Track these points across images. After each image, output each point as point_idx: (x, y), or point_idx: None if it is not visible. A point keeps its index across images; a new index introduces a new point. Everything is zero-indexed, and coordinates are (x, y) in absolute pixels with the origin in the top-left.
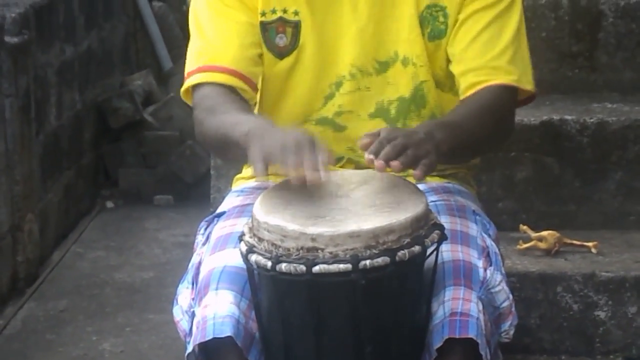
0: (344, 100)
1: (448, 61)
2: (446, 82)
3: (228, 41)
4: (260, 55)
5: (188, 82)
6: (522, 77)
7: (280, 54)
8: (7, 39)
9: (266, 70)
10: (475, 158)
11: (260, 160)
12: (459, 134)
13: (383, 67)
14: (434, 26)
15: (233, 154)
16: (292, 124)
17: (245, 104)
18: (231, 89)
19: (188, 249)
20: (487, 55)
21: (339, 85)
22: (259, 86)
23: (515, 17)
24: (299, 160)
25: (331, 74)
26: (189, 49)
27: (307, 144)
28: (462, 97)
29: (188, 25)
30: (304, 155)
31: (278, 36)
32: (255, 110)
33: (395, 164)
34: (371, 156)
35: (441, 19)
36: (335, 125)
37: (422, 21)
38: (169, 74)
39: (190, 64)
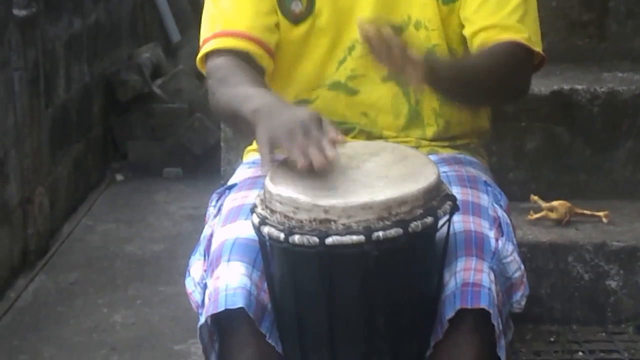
0: (357, 64)
1: (461, 26)
2: (458, 46)
3: (243, 8)
4: (276, 24)
5: (205, 49)
6: (532, 36)
7: (296, 19)
8: (16, 11)
9: (281, 36)
10: (483, 105)
11: (267, 145)
12: (464, 63)
13: (396, 31)
14: None
15: (243, 128)
16: (305, 90)
17: (257, 75)
18: (245, 57)
19: (198, 221)
20: (498, 15)
21: (351, 49)
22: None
23: None
24: (305, 144)
25: (346, 39)
26: (203, 17)
27: (313, 124)
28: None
29: None
30: (311, 138)
31: (294, 2)
32: (270, 76)
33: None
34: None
35: None
36: (347, 89)
37: None
38: (177, 47)
39: (205, 31)
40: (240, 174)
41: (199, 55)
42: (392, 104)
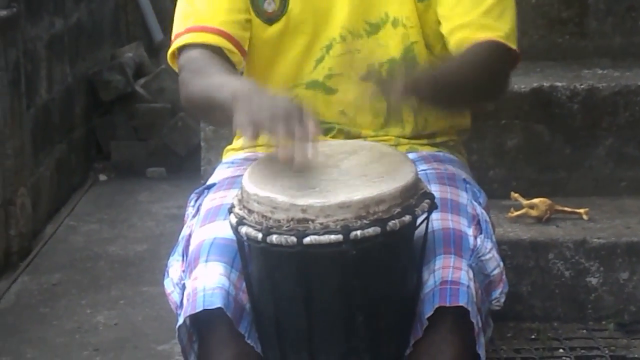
0: (334, 63)
1: (438, 22)
2: (436, 43)
3: (216, 5)
4: (248, 21)
5: (176, 43)
6: (509, 34)
7: (269, 19)
8: None
9: (255, 36)
10: (465, 108)
11: (249, 126)
12: (445, 71)
13: (374, 28)
14: None
15: (218, 116)
16: (282, 89)
17: (232, 67)
18: (218, 52)
19: (181, 221)
20: (474, 12)
21: (329, 47)
22: (247, 52)
23: None
24: (289, 130)
25: (322, 38)
26: (175, 14)
27: (296, 112)
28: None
29: None
30: (294, 125)
31: (266, 2)
32: (247, 75)
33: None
34: None
35: None
36: (325, 88)
37: None
38: (160, 46)
39: (178, 27)
40: (220, 173)
41: (171, 50)
42: (370, 104)
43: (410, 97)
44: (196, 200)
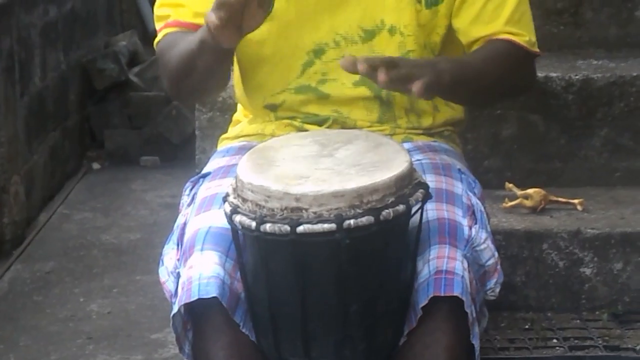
0: (327, 68)
1: (445, 28)
2: (434, 54)
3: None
4: None
5: (157, 38)
6: (531, 37)
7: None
8: None
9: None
10: (485, 104)
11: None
12: (467, 71)
13: (369, 35)
14: None
15: (206, 59)
16: (271, 95)
17: None
18: None
19: (175, 210)
20: (495, 23)
21: (320, 52)
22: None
23: None
24: None
25: (308, 42)
26: (155, 14)
27: None
28: None
29: None
30: None
31: None
32: (231, 80)
33: (381, 75)
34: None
35: None
36: (318, 92)
37: None
38: (154, 35)
39: (158, 24)
40: (215, 162)
41: (156, 42)
42: (364, 104)
43: (430, 95)
44: (191, 189)
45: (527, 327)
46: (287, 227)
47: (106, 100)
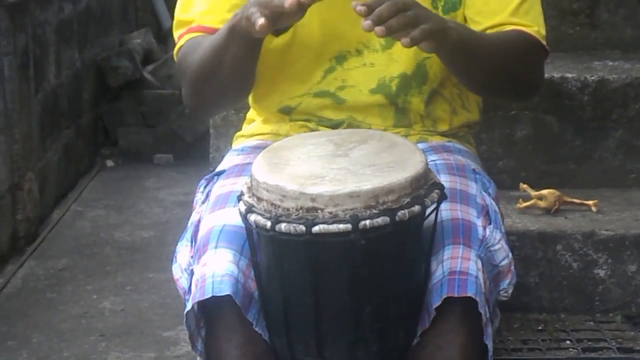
0: (348, 75)
1: None
2: None
3: (218, 6)
4: None
5: (178, 44)
6: (540, 29)
7: (276, 31)
8: None
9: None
10: (489, 88)
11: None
12: (475, 37)
13: (389, 43)
14: None
15: (234, 50)
16: (289, 97)
17: None
18: None
19: (188, 207)
20: (503, 13)
21: (342, 59)
22: None
23: None
24: None
25: (331, 49)
26: (175, 17)
27: None
28: None
29: None
30: None
31: None
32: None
33: (379, 28)
34: (361, 7)
35: None
36: (335, 97)
37: None
38: (169, 32)
39: (179, 30)
40: (229, 160)
41: (175, 50)
42: (379, 111)
43: (427, 42)
44: (205, 187)
45: (540, 328)
46: (302, 227)
47: (120, 98)
